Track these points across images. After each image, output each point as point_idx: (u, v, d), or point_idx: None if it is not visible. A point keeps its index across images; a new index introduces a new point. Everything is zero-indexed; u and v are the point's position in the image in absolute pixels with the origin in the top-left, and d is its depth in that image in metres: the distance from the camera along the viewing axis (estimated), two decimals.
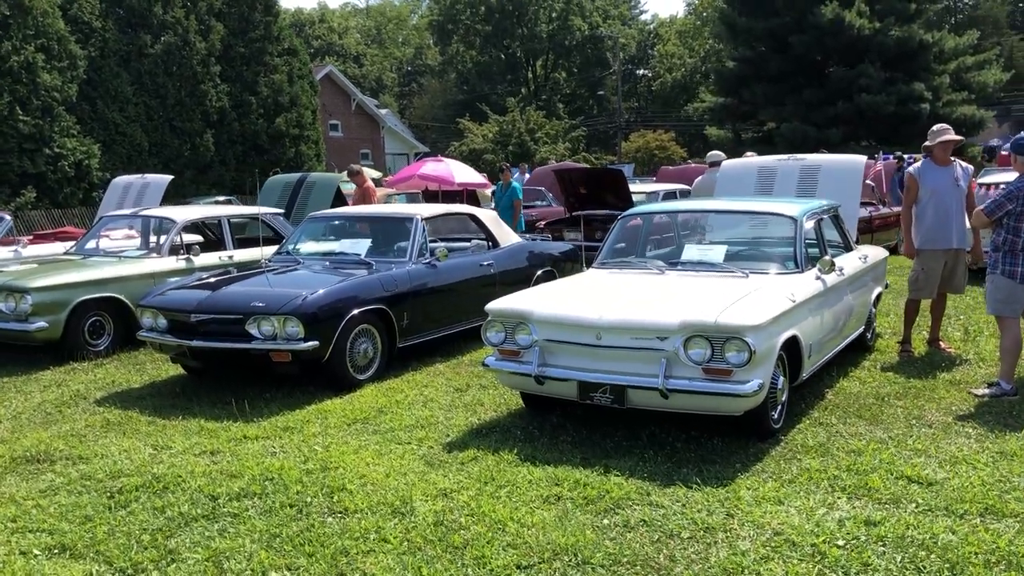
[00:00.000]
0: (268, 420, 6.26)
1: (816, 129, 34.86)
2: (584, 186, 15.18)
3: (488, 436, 5.69)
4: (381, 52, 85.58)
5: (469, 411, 6.32)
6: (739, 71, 39.29)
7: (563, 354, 5.51)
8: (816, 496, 4.51)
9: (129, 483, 5.05)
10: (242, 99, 29.92)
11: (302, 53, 33.71)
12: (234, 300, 6.90)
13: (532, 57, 73.26)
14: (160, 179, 12.76)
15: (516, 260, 9.04)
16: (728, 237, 6.89)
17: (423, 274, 7.79)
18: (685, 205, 7.31)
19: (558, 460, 5.13)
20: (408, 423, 6.04)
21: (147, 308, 7.26)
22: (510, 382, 5.87)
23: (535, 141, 45.29)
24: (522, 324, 5.64)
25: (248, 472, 5.13)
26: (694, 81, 70.89)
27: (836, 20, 34.62)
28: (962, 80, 37.59)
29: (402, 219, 8.33)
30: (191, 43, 28.30)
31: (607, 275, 6.46)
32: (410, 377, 7.40)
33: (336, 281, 7.12)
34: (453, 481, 4.88)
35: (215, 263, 9.48)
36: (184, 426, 6.20)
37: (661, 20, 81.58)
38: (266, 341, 6.66)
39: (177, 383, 7.52)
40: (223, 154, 29.39)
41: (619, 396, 5.28)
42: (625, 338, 5.26)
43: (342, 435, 5.87)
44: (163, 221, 9.68)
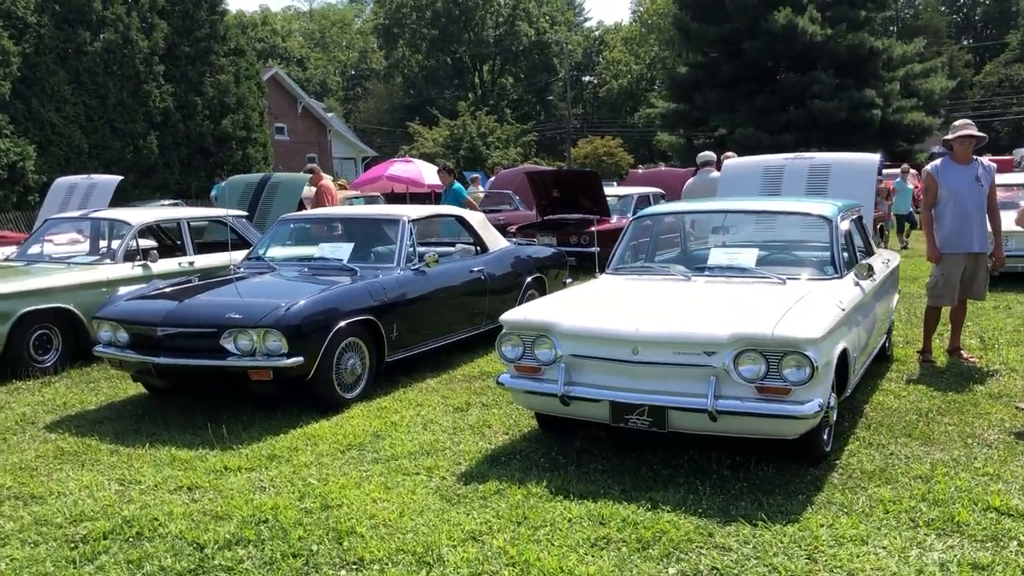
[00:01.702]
0: (249, 447, 5.52)
1: (769, 135, 34.83)
2: (557, 189, 14.63)
3: (507, 465, 5.04)
4: (325, 56, 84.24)
5: (477, 434, 5.67)
6: (691, 77, 39.18)
7: (592, 371, 4.89)
8: (901, 533, 3.95)
9: (95, 529, 4.29)
10: (187, 100, 28.81)
11: (249, 53, 32.69)
12: (206, 311, 6.14)
13: (479, 62, 72.73)
14: (108, 180, 11.85)
15: (506, 266, 8.40)
16: (755, 240, 6.35)
17: (412, 281, 7.12)
18: (706, 206, 6.76)
19: (595, 493, 4.51)
20: (411, 449, 5.36)
21: (105, 320, 6.46)
22: (528, 402, 5.23)
23: (487, 146, 44.70)
24: (544, 337, 5.00)
25: (237, 513, 4.41)
26: (640, 88, 71.08)
27: (789, 26, 34.66)
28: (910, 87, 37.99)
29: (388, 221, 7.63)
30: (133, 41, 27.14)
31: (626, 283, 5.86)
32: (401, 395, 6.71)
33: (319, 290, 6.40)
34: (480, 521, 4.23)
35: (174, 270, 8.69)
36: (153, 456, 5.43)
37: (607, 27, 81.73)
38: (243, 357, 5.92)
39: (139, 404, 6.72)
40: (167, 156, 28.24)
41: (659, 418, 4.68)
42: (666, 353, 4.66)
43: (338, 465, 5.17)
44: (116, 224, 8.83)
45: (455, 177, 12.77)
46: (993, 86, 63.66)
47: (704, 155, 10.24)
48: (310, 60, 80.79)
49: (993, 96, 62.26)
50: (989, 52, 69.69)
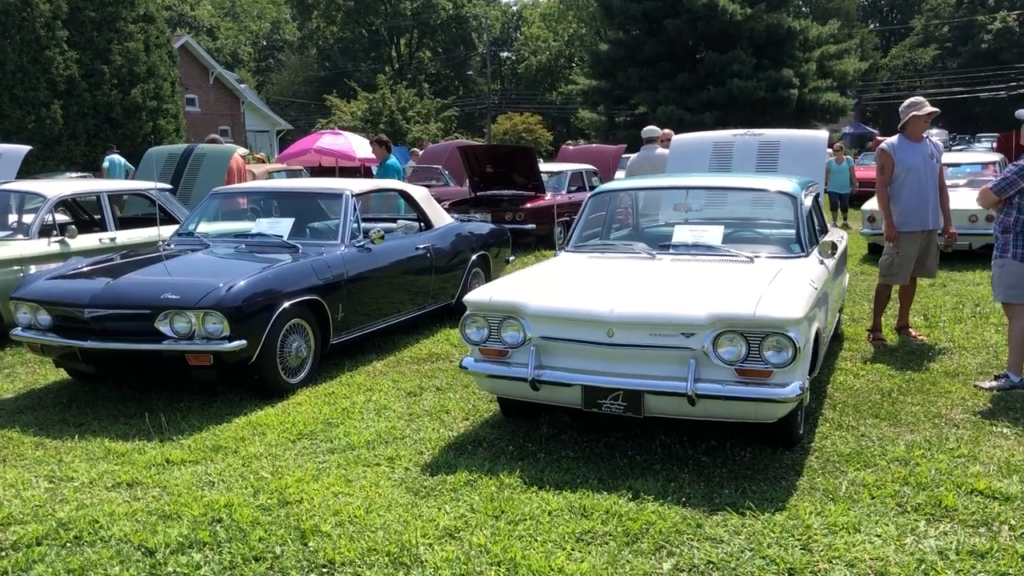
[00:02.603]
0: (191, 438, 5.13)
1: (689, 113, 35.10)
2: (491, 164, 14.33)
3: (474, 453, 4.78)
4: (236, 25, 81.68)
5: (436, 421, 5.39)
6: (613, 54, 39.14)
7: (563, 354, 4.66)
8: (892, 519, 3.84)
9: (26, 534, 3.88)
10: (93, 68, 27.33)
11: (159, 21, 31.22)
12: (139, 291, 5.68)
13: (396, 35, 71.55)
14: (15, 149, 11.08)
15: (451, 243, 8.09)
16: (718, 217, 6.20)
17: (357, 259, 6.76)
18: (667, 181, 6.57)
19: (572, 483, 4.29)
20: (368, 438, 5.05)
21: (23, 301, 5.94)
22: (493, 387, 4.97)
23: (407, 120, 43.96)
24: (511, 319, 4.75)
25: (186, 512, 4.05)
26: (559, 65, 71.02)
27: (709, 5, 34.91)
28: (824, 68, 38.75)
29: (330, 195, 7.23)
30: (32, 3, 25.57)
31: (589, 261, 5.63)
32: (348, 380, 6.38)
33: (260, 268, 6.00)
34: (454, 516, 3.96)
35: (94, 246, 8.12)
36: (85, 448, 5.00)
37: (524, 3, 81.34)
38: (180, 341, 5.51)
39: (63, 391, 6.23)
40: (72, 127, 26.80)
41: (634, 403, 4.48)
42: (643, 335, 4.46)
43: (291, 456, 4.83)
44: (30, 196, 8.21)
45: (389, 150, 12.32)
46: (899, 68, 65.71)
47: (649, 130, 10.06)
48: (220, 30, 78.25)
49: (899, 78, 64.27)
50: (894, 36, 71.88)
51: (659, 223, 6.45)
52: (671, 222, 6.23)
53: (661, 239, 5.83)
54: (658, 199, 6.66)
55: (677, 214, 6.42)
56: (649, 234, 6.18)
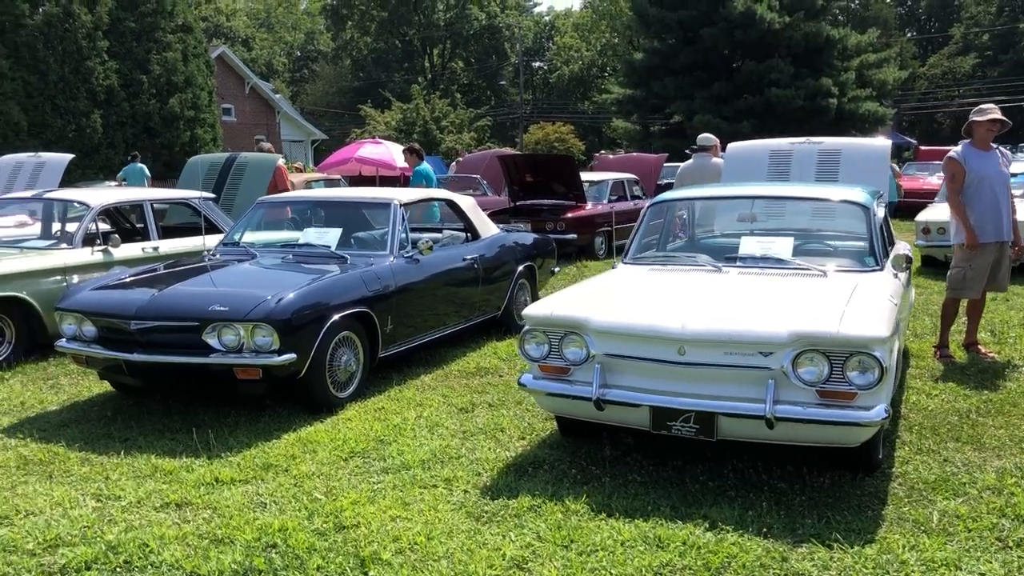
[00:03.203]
0: (240, 455, 4.95)
1: (726, 122, 34.72)
2: (531, 174, 14.13)
3: (534, 476, 4.56)
4: (271, 36, 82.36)
5: (491, 439, 5.17)
6: (648, 63, 38.85)
7: (629, 372, 4.43)
8: (994, 556, 3.57)
9: (75, 557, 3.71)
10: (132, 77, 27.56)
11: (197, 30, 31.46)
12: (187, 303, 5.53)
13: (429, 45, 71.73)
14: (58, 158, 11.03)
15: (499, 254, 7.89)
16: (785, 228, 5.94)
17: (406, 270, 6.57)
18: (731, 191, 6.31)
19: (642, 510, 4.05)
20: (422, 457, 4.85)
21: (69, 312, 5.80)
22: (554, 406, 4.74)
23: (440, 130, 43.92)
24: (573, 335, 4.53)
25: (239, 536, 3.86)
26: (591, 75, 70.81)
27: (747, 13, 34.54)
28: (863, 77, 38.20)
29: (378, 205, 7.06)
30: (75, 14, 25.83)
31: (651, 274, 5.39)
32: (397, 394, 6.19)
33: (309, 279, 5.83)
34: (520, 544, 3.74)
35: (137, 256, 8.01)
36: (131, 466, 4.84)
37: (557, 13, 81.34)
38: (228, 354, 5.34)
39: (108, 404, 6.09)
40: (111, 136, 27.00)
41: (707, 425, 4.24)
42: (716, 353, 4.22)
43: (343, 475, 4.64)
44: (74, 205, 8.12)
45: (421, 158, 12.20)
46: (937, 78, 64.75)
47: (704, 138, 9.77)
48: (255, 40, 78.94)
49: (937, 87, 63.33)
50: (932, 44, 70.91)
51: (721, 234, 6.20)
52: (735, 233, 5.98)
53: (725, 251, 5.59)
54: (720, 209, 6.40)
55: (739, 225, 6.17)
56: (711, 246, 5.93)
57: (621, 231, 14.47)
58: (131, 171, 18.92)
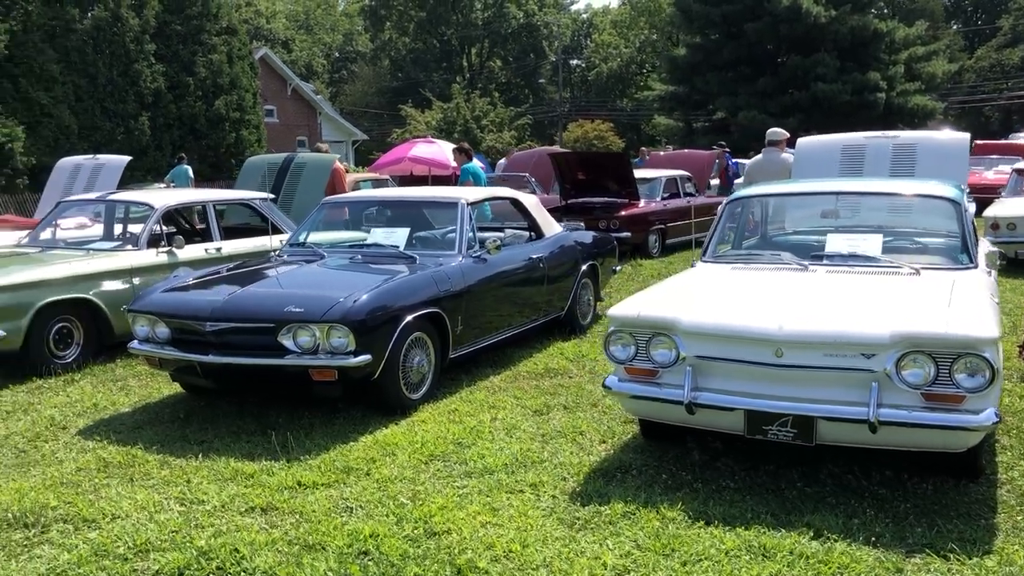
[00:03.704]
0: (318, 458, 4.89)
1: (772, 118, 34.25)
2: (583, 171, 13.99)
3: (623, 481, 4.44)
4: (310, 38, 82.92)
5: (571, 443, 5.06)
6: (691, 59, 38.54)
7: (722, 375, 4.30)
8: None
9: (167, 563, 3.67)
10: (179, 80, 27.85)
11: (241, 33, 31.74)
12: (263, 305, 5.48)
13: (467, 45, 71.74)
14: (115, 160, 11.11)
15: (563, 252, 7.77)
16: (869, 224, 5.76)
17: (475, 270, 6.48)
18: (814, 186, 6.14)
19: (741, 518, 3.92)
20: (504, 461, 4.75)
21: (142, 314, 5.78)
22: (640, 409, 4.62)
23: (481, 129, 43.90)
24: (662, 336, 4.40)
25: (330, 542, 3.79)
26: (630, 72, 70.37)
27: (792, 7, 34.10)
28: (912, 70, 37.55)
29: (445, 204, 6.99)
30: (123, 18, 26.15)
31: (734, 273, 5.25)
32: (468, 396, 6.10)
33: (382, 280, 5.76)
34: (619, 553, 3.63)
35: (201, 257, 8.01)
36: (211, 468, 4.80)
37: (595, 10, 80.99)
38: (303, 355, 5.29)
39: (179, 406, 6.07)
40: (159, 138, 27.29)
41: (805, 430, 4.09)
42: (815, 355, 4.07)
43: (426, 479, 4.55)
44: (138, 207, 8.14)
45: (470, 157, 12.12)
46: (985, 70, 63.43)
47: (775, 132, 9.52)
48: (295, 42, 79.51)
49: (984, 80, 62.05)
50: (979, 37, 69.52)
51: (803, 231, 6.02)
52: (817, 230, 5.81)
53: (808, 249, 5.42)
54: (800, 205, 6.22)
55: (820, 222, 5.99)
56: (792, 243, 5.76)
57: (675, 229, 14.33)
58: (177, 173, 19.09)
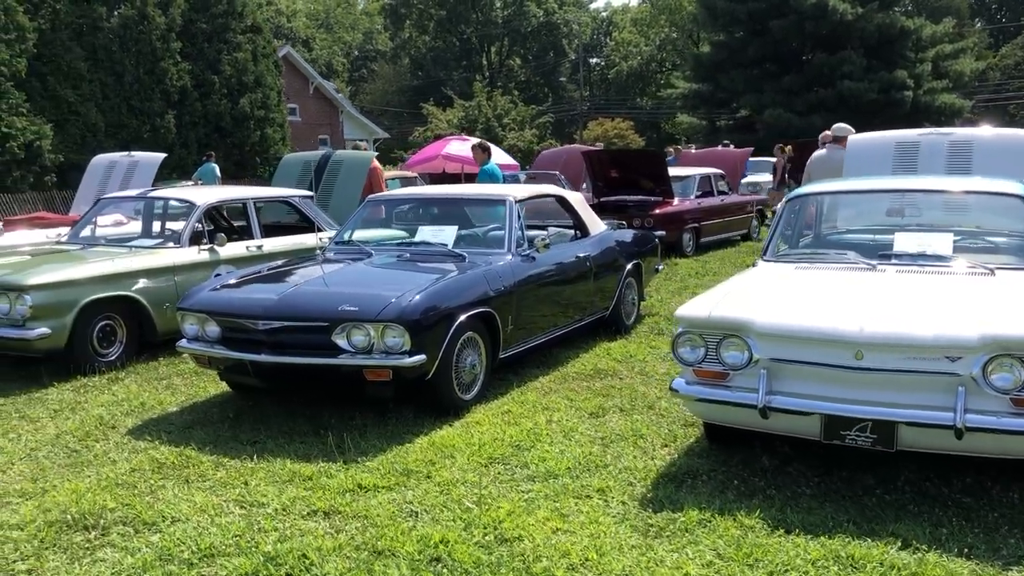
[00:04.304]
0: (376, 460, 4.79)
1: (798, 116, 34.04)
2: (616, 169, 13.87)
3: (693, 487, 4.31)
4: (330, 37, 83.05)
5: (633, 446, 4.94)
6: (715, 57, 38.34)
7: (796, 378, 4.16)
8: None
9: (233, 568, 3.57)
10: (204, 78, 27.86)
11: (266, 31, 31.75)
12: (317, 303, 5.39)
13: (487, 43, 71.67)
14: (151, 157, 11.08)
15: (608, 251, 7.65)
16: (936, 223, 5.61)
17: (524, 269, 6.37)
18: (879, 184, 5.99)
19: (823, 526, 3.79)
20: (567, 465, 4.63)
21: (192, 312, 5.70)
22: (709, 413, 4.49)
23: (503, 127, 43.81)
24: (734, 338, 4.27)
25: (400, 548, 3.69)
26: (650, 70, 70.10)
27: (818, 5, 33.82)
28: (939, 68, 37.17)
29: (493, 201, 6.88)
30: (149, 17, 26.18)
31: (799, 272, 5.11)
32: (519, 397, 5.99)
33: (434, 278, 5.65)
34: (700, 563, 3.51)
35: (242, 254, 7.94)
36: (267, 470, 4.71)
37: (615, 8, 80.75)
38: (357, 355, 5.19)
39: (227, 406, 5.99)
40: (184, 136, 27.33)
41: (885, 435, 3.95)
42: (897, 358, 3.93)
43: (488, 483, 4.44)
44: (180, 204, 8.08)
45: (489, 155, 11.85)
46: (1010, 68, 62.73)
47: (839, 128, 9.27)
48: (315, 41, 79.67)
49: (1010, 79, 61.38)
50: (1004, 34, 68.77)
51: (865, 230, 5.87)
52: (880, 228, 5.67)
53: (875, 248, 5.28)
54: (861, 203, 6.07)
55: (883, 220, 5.85)
56: (857, 242, 5.61)
57: (708, 228, 14.18)
58: (205, 171, 19.09)
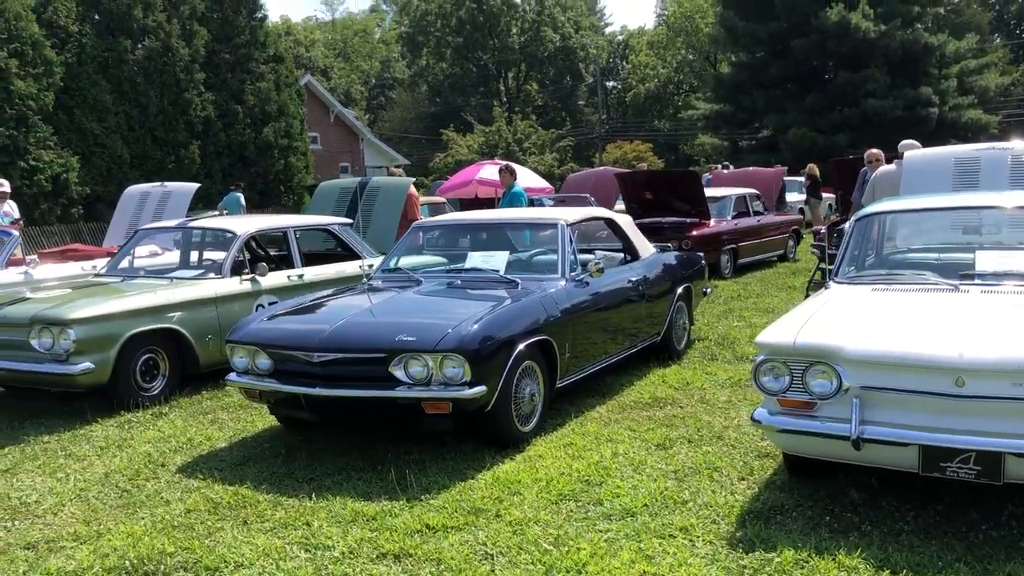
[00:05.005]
0: (439, 498, 4.59)
1: (822, 136, 33.76)
2: (650, 191, 13.67)
3: (783, 524, 4.07)
4: (348, 65, 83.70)
5: (708, 480, 4.71)
6: (737, 77, 38.15)
7: (889, 407, 3.93)
8: None
9: None
10: (228, 108, 27.99)
11: (288, 60, 31.90)
12: (373, 334, 5.20)
13: (504, 69, 71.92)
14: (184, 187, 10.99)
15: (659, 275, 7.45)
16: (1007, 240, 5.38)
17: (579, 294, 6.17)
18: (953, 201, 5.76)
19: (931, 566, 3.54)
20: (643, 501, 4.41)
21: (242, 345, 5.53)
22: (795, 445, 4.25)
23: (523, 151, 43.77)
24: (821, 365, 4.04)
25: None
26: (667, 92, 70.04)
27: (841, 23, 33.57)
28: (964, 84, 36.81)
29: (544, 226, 6.71)
30: (173, 49, 26.36)
31: (877, 294, 4.88)
32: (578, 428, 5.77)
33: (491, 306, 5.46)
34: None
35: (283, 284, 7.80)
36: (328, 509, 4.50)
37: (630, 31, 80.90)
38: (415, 387, 4.99)
39: (277, 441, 5.80)
40: (209, 166, 27.42)
41: (991, 467, 3.71)
42: (1002, 384, 3.69)
43: (562, 522, 4.22)
44: (219, 234, 7.94)
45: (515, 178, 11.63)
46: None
47: (907, 144, 9.04)
48: (334, 70, 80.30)
49: None
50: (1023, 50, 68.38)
51: (937, 248, 5.62)
52: (953, 246, 5.45)
53: (954, 268, 5.04)
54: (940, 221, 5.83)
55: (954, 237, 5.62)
56: (932, 262, 5.37)
57: (746, 248, 13.95)
58: (229, 201, 19.05)
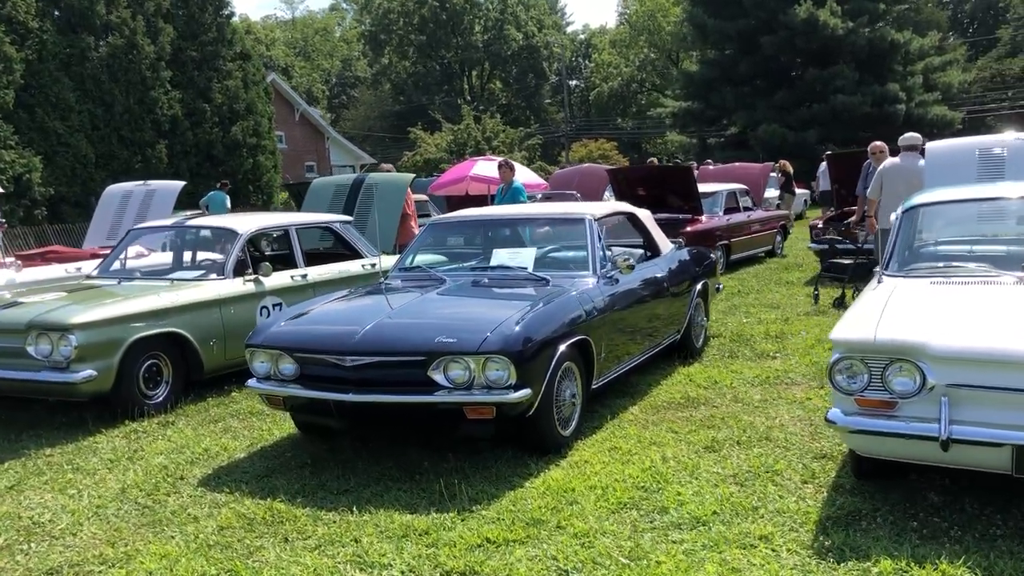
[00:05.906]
0: (491, 509, 4.32)
1: (792, 132, 33.93)
2: (643, 187, 13.48)
3: (867, 530, 3.86)
4: (309, 64, 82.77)
5: (771, 484, 4.49)
6: (706, 74, 38.22)
7: (976, 406, 3.74)
8: None
9: None
10: (195, 106, 27.35)
11: (255, 58, 31.30)
12: (410, 335, 4.90)
13: (468, 67, 71.59)
14: (169, 186, 10.58)
15: (679, 271, 7.24)
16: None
17: (610, 291, 5.93)
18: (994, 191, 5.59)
19: None
20: (711, 508, 4.17)
21: (263, 349, 5.20)
22: (875, 447, 4.04)
23: (492, 150, 43.49)
24: (903, 362, 3.84)
25: None
26: (630, 90, 70.20)
27: (809, 20, 33.75)
28: (928, 81, 37.23)
29: (571, 221, 6.45)
30: (138, 46, 25.67)
31: (936, 287, 4.69)
32: (617, 431, 5.53)
33: (528, 305, 5.19)
34: None
35: (287, 284, 7.46)
36: (374, 524, 4.21)
37: (592, 30, 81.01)
38: (455, 391, 4.71)
39: (299, 449, 5.48)
40: (176, 166, 26.76)
41: None
42: None
43: (630, 533, 3.97)
44: (220, 233, 7.58)
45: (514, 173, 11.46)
46: (986, 81, 63.31)
47: (909, 137, 8.92)
48: (295, 68, 79.31)
49: (986, 91, 61.90)
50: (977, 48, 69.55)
51: (990, 239, 5.47)
52: (1008, 238, 5.30)
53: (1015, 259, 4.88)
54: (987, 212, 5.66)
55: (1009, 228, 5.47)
56: (988, 253, 5.20)
57: (737, 244, 13.82)
58: (214, 199, 18.57)
